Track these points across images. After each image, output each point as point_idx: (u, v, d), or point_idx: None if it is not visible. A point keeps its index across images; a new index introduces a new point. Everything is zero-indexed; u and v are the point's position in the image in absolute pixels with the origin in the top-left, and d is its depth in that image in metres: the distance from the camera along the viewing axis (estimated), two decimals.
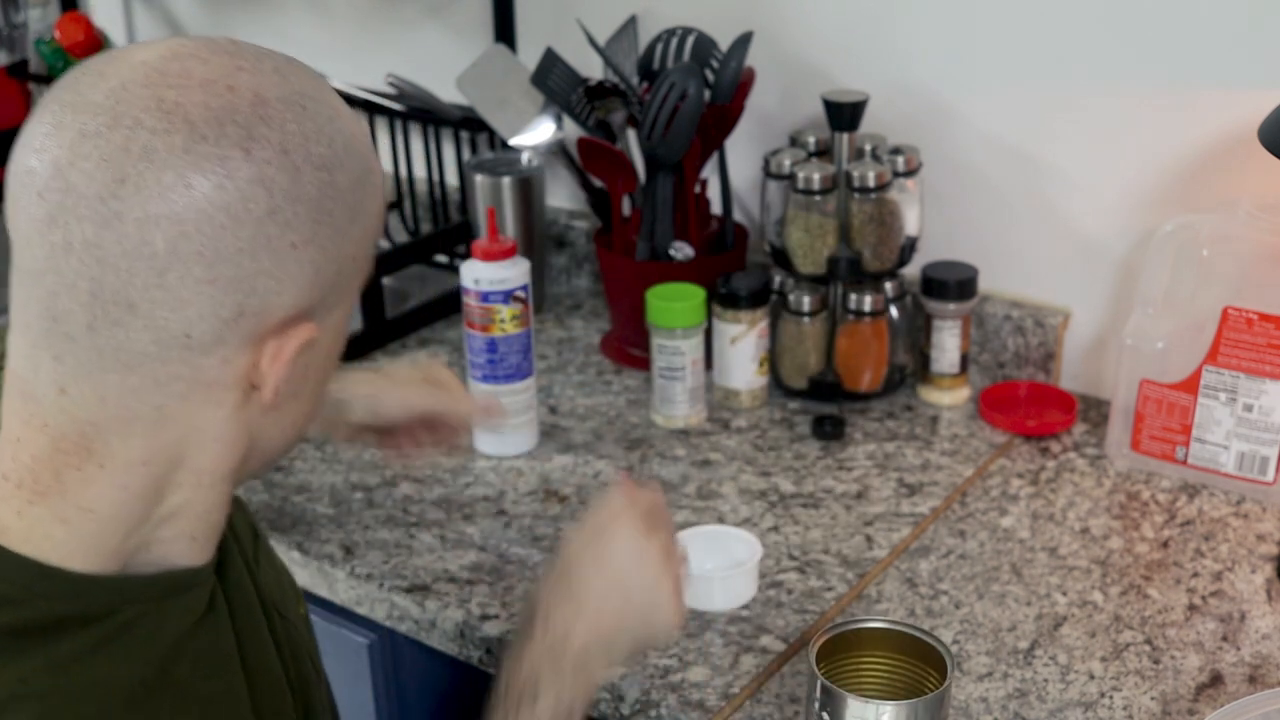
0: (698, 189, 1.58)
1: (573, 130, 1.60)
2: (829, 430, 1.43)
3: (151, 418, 0.74)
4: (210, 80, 0.71)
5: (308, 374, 0.78)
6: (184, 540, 0.79)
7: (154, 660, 0.78)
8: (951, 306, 1.47)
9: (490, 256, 1.35)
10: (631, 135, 1.56)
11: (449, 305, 1.72)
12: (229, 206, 0.70)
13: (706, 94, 1.50)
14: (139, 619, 0.78)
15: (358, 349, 1.61)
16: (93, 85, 0.72)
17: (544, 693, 0.92)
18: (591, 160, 1.57)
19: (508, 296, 1.36)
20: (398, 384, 1.19)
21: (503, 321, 1.36)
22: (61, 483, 0.75)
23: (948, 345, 1.48)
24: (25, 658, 0.73)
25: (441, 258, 1.83)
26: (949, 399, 1.50)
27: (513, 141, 1.64)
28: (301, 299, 0.74)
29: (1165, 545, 1.26)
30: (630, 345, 1.60)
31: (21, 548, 0.75)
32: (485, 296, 1.36)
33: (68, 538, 0.75)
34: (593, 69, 1.60)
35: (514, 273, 1.36)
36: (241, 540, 0.92)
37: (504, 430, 1.40)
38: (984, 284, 1.48)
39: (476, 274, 1.36)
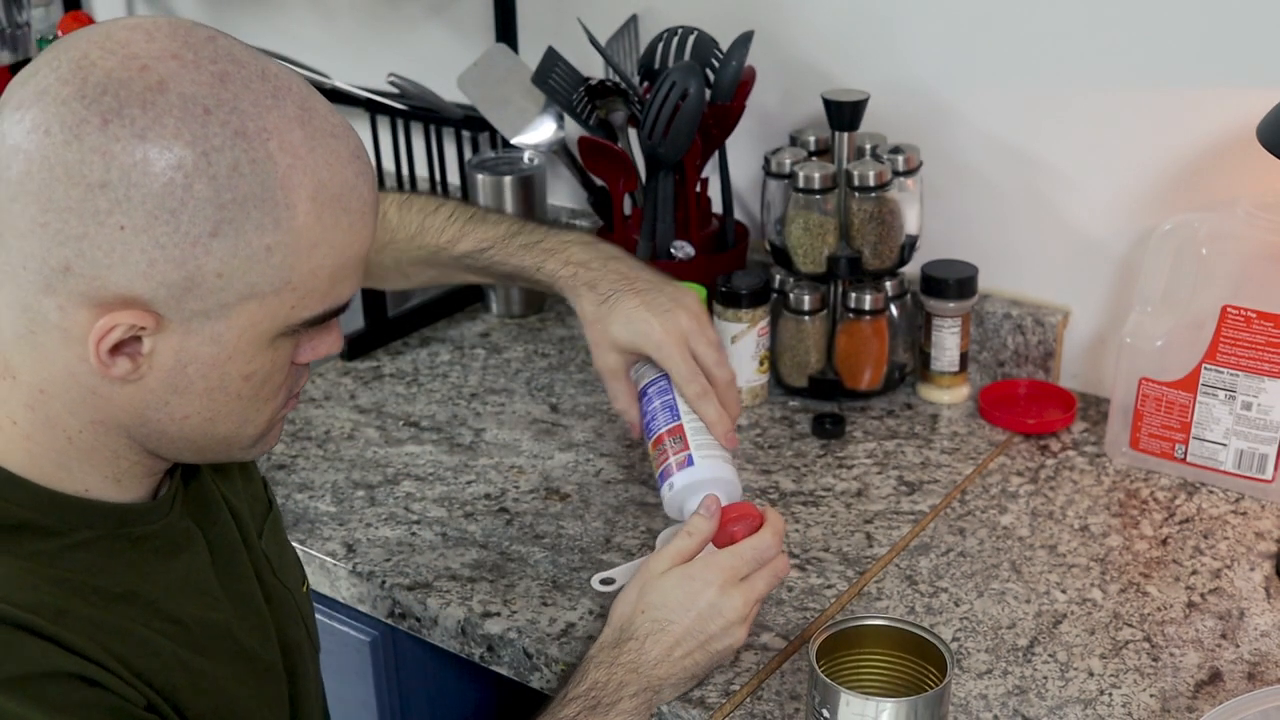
0: (698, 188, 1.58)
1: (574, 129, 1.61)
2: (829, 428, 1.44)
3: (29, 341, 0.78)
4: (135, 56, 0.74)
5: (187, 373, 0.79)
6: (110, 482, 0.84)
7: (117, 575, 0.83)
8: (951, 305, 1.47)
9: None
10: (632, 134, 1.56)
11: (451, 304, 1.72)
12: (68, 163, 0.73)
13: (707, 93, 1.51)
14: (96, 541, 0.82)
15: (359, 348, 1.62)
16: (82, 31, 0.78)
17: (618, 709, 1.01)
18: (593, 159, 1.58)
19: None
20: (657, 314, 1.15)
21: None
22: None
23: (947, 344, 1.48)
24: None
25: None
26: (949, 397, 1.50)
27: (514, 140, 1.64)
28: (135, 285, 0.76)
29: (1164, 543, 1.26)
30: None
31: None
32: None
33: (7, 447, 0.80)
34: (594, 68, 1.60)
35: None
36: (237, 511, 0.97)
37: None
38: (983, 283, 1.49)
39: None
